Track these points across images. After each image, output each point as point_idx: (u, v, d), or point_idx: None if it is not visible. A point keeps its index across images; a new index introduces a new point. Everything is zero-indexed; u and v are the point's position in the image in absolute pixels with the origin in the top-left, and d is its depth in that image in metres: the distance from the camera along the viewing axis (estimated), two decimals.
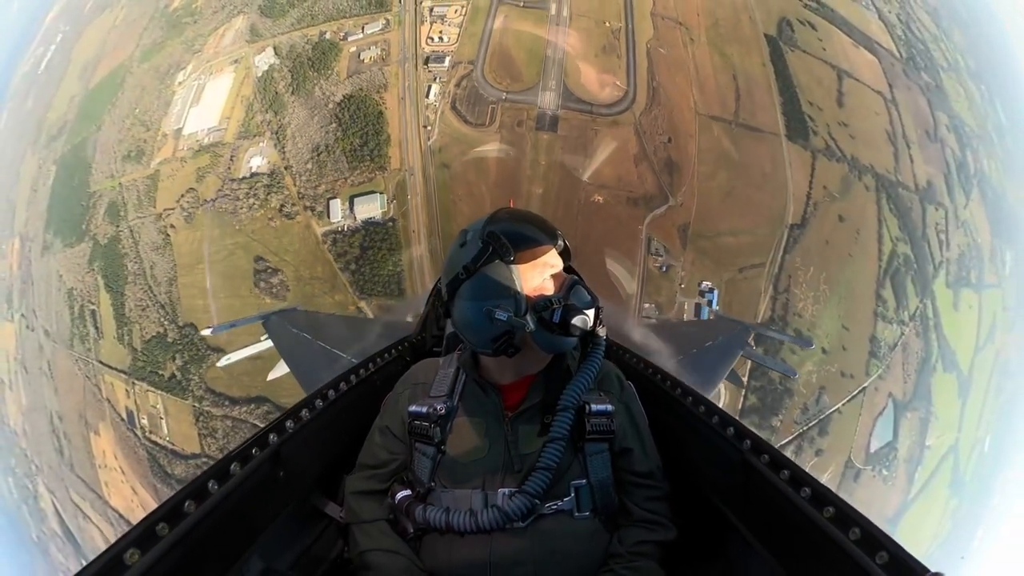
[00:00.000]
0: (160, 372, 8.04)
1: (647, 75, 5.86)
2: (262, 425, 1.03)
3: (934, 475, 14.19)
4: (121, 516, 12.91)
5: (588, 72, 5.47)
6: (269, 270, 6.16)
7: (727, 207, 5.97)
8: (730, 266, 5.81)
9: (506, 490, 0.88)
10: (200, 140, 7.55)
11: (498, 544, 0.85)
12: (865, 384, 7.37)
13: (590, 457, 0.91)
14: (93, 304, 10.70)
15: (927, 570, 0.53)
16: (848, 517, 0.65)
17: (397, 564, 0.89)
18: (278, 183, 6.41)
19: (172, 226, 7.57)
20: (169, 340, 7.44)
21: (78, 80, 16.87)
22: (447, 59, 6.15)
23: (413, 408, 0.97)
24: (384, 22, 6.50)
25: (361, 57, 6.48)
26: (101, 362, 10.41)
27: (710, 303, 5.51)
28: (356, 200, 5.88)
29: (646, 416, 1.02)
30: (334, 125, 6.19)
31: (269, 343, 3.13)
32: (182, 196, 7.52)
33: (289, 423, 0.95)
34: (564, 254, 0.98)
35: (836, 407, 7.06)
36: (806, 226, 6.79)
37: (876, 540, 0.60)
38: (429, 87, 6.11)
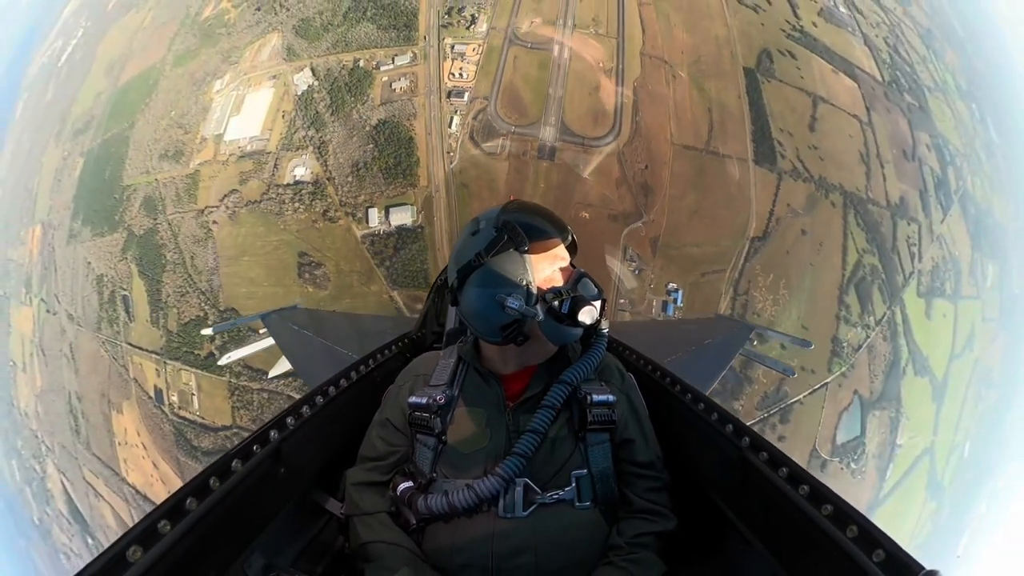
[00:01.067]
0: (196, 352, 9.11)
1: (632, 111, 7.09)
2: (298, 396, 1.09)
3: (908, 475, 15.20)
4: (138, 492, 13.90)
5: (582, 109, 6.77)
6: (313, 263, 7.34)
7: (693, 223, 7.16)
8: (693, 271, 7.04)
9: None
10: (242, 147, 8.67)
11: (500, 534, 0.87)
12: (827, 380, 8.46)
13: (591, 447, 0.93)
14: (125, 290, 11.78)
15: (922, 568, 0.55)
16: (846, 515, 0.67)
17: (398, 555, 0.90)
18: (321, 192, 7.56)
19: (215, 222, 8.67)
20: (209, 322, 8.54)
21: (105, 77, 17.99)
22: (466, 94, 7.36)
23: (413, 399, 0.99)
24: (412, 55, 7.67)
25: (392, 87, 7.64)
26: (130, 344, 11.47)
27: (675, 300, 6.78)
28: (391, 209, 7.22)
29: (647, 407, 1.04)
30: (371, 146, 7.38)
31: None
32: (225, 196, 8.63)
33: (290, 420, 0.96)
34: (571, 248, 1.02)
35: (798, 398, 8.13)
36: (767, 238, 7.95)
37: (873, 538, 0.62)
38: (451, 118, 7.34)
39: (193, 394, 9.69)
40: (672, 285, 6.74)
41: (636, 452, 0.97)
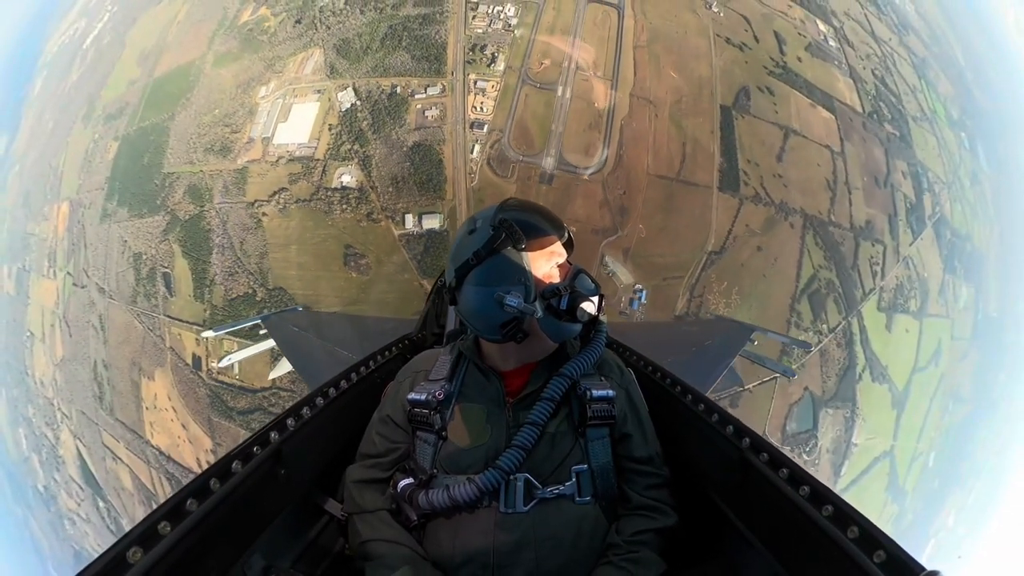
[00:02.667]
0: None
1: (617, 145, 8.99)
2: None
3: (866, 474, 17.11)
4: (162, 453, 15.73)
5: (577, 143, 8.74)
6: (357, 254, 9.24)
7: (659, 238, 9.07)
8: (656, 276, 9.00)
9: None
10: (291, 151, 10.44)
11: (501, 529, 0.90)
12: (776, 375, 10.38)
13: (591, 442, 0.96)
14: (166, 268, 13.60)
15: (923, 568, 0.56)
16: (847, 516, 0.68)
17: (399, 554, 0.93)
18: (365, 197, 9.41)
19: (264, 214, 10.49)
20: (258, 299, 10.34)
21: (138, 66, 19.68)
22: (485, 126, 9.28)
23: (412, 396, 1.02)
24: (441, 87, 9.48)
25: (425, 114, 9.46)
26: (169, 316, 13.29)
27: (640, 298, 8.76)
28: (423, 216, 9.11)
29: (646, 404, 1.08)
30: (408, 163, 9.24)
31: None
32: (275, 193, 10.42)
33: (290, 421, 0.99)
34: (568, 245, 1.05)
35: (748, 387, 10.02)
36: (724, 253, 9.83)
37: (874, 539, 0.64)
38: (473, 146, 9.17)
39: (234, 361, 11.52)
40: (639, 286, 8.70)
41: (634, 447, 1.01)
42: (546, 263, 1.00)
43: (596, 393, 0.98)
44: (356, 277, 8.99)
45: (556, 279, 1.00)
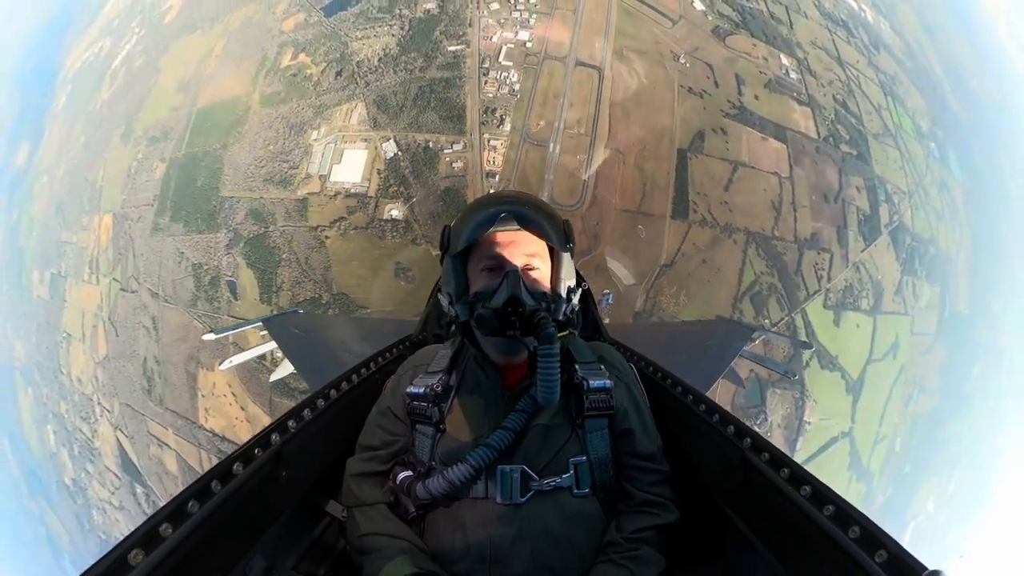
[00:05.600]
0: None
1: (592, 188, 13.38)
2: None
3: (824, 451, 21.24)
4: (216, 435, 19.90)
5: (564, 188, 13.17)
6: (405, 268, 13.52)
7: (623, 256, 13.49)
8: (620, 284, 13.45)
9: (506, 467, 1.02)
10: (347, 188, 14.68)
11: (498, 522, 0.98)
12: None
13: (590, 434, 1.05)
14: (231, 277, 17.93)
15: (925, 568, 0.61)
16: (848, 516, 0.74)
17: (397, 547, 1.01)
18: (410, 227, 13.65)
19: (327, 236, 14.74)
20: (323, 302, 14.58)
21: (178, 93, 23.96)
22: (497, 176, 13.60)
23: (411, 389, 1.13)
24: (463, 144, 13.81)
25: (452, 165, 13.76)
26: (233, 317, 17.57)
27: (607, 300, 13.10)
28: None
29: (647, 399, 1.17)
30: (441, 203, 13.50)
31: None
32: (335, 221, 14.68)
33: (291, 423, 1.08)
34: (542, 231, 1.09)
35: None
36: (673, 265, 14.16)
37: (875, 538, 0.69)
38: (489, 191, 13.41)
39: None
40: (606, 291, 13.08)
41: (636, 443, 1.09)
42: (477, 265, 1.13)
43: (594, 384, 1.07)
44: (404, 285, 13.31)
45: (484, 283, 1.10)
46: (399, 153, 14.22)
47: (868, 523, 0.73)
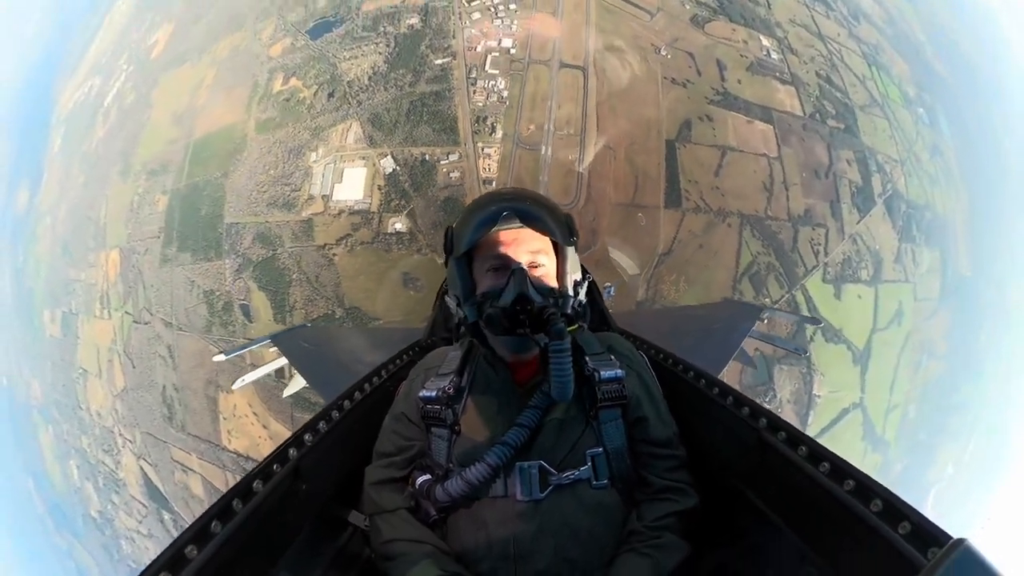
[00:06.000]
0: None
1: (587, 185, 14.05)
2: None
3: (837, 424, 21.75)
4: (240, 455, 20.63)
5: (559, 187, 13.88)
6: (413, 278, 14.21)
7: (622, 248, 14.17)
8: (621, 276, 14.12)
9: (524, 463, 1.04)
10: (350, 206, 15.40)
11: (520, 519, 1.01)
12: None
13: (604, 425, 1.08)
14: (243, 300, 18.66)
15: (950, 537, 0.61)
16: (868, 489, 0.76)
17: (421, 551, 1.03)
18: (415, 238, 14.38)
19: (335, 254, 15.46)
20: (336, 316, 15.31)
21: (174, 127, 24.73)
22: (493, 182, 14.28)
23: (424, 393, 1.16)
24: (459, 154, 14.52)
25: (450, 175, 14.46)
26: (249, 338, 18.32)
27: (609, 292, 13.83)
28: None
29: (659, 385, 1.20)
30: (442, 212, 14.19)
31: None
32: (341, 239, 15.40)
33: (307, 436, 1.10)
34: (545, 227, 1.12)
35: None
36: (671, 253, 14.80)
37: (898, 511, 0.70)
38: None
39: None
40: (607, 284, 13.80)
41: (651, 430, 1.12)
42: (482, 265, 1.16)
43: (605, 374, 1.10)
44: (414, 294, 14.01)
45: (491, 283, 1.14)
46: (397, 168, 14.93)
47: (889, 495, 0.74)
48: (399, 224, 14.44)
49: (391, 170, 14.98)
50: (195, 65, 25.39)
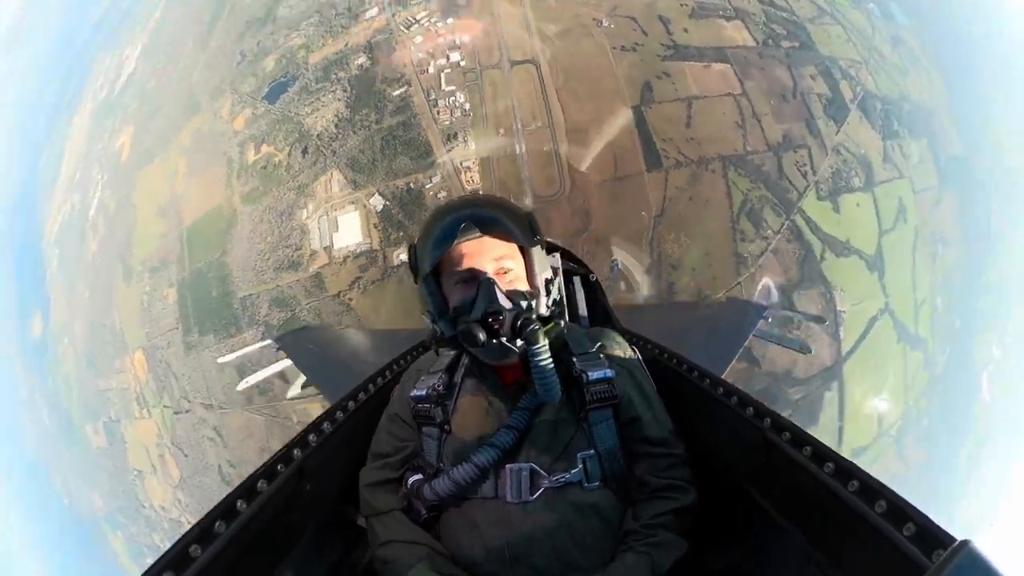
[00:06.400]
0: None
1: (568, 172, 14.71)
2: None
3: (868, 334, 22.08)
4: None
5: (542, 180, 14.61)
6: None
7: (617, 225, 14.77)
8: (623, 249, 14.77)
9: (514, 466, 1.08)
10: (352, 251, 16.23)
11: (512, 522, 1.04)
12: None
13: (595, 426, 1.11)
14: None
15: (954, 539, 0.62)
16: (873, 490, 0.76)
17: (416, 554, 1.07)
18: None
19: (351, 299, 16.28)
20: None
21: (162, 221, 25.74)
22: (480, 192, 15.09)
23: (415, 392, 1.22)
24: (440, 175, 15.27)
25: (437, 196, 15.23)
26: (292, 398, 19.21)
27: (616, 266, 14.38)
28: None
29: (653, 382, 1.23)
30: None
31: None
32: (353, 283, 16.23)
33: (312, 437, 1.15)
34: (504, 230, 1.15)
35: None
36: (665, 213, 15.37)
37: (902, 512, 0.71)
38: None
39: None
40: (614, 259, 14.40)
41: (646, 429, 1.15)
42: (453, 277, 1.18)
43: (593, 375, 1.13)
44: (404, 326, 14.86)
45: (459, 298, 1.17)
46: (387, 203, 15.70)
47: (895, 496, 0.74)
48: (404, 254, 15.23)
49: (382, 207, 15.74)
50: (165, 158, 26.42)
